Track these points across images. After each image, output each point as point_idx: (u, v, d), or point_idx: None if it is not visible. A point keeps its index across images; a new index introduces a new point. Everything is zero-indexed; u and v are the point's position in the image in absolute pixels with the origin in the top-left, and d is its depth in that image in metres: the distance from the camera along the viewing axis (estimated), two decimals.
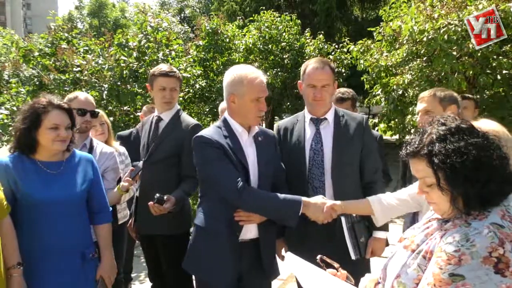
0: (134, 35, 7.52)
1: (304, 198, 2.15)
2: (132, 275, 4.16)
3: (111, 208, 2.47)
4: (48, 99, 2.14)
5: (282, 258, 2.70)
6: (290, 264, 1.68)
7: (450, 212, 1.26)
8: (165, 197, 2.54)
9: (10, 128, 6.09)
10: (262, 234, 2.25)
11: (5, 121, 6.26)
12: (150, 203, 2.57)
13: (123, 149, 3.51)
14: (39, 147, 2.12)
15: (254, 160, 2.24)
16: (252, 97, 2.17)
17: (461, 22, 5.40)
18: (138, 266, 4.75)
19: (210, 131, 2.23)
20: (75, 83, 6.57)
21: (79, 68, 6.55)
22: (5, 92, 7.28)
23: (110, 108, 6.52)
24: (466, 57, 5.77)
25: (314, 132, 2.55)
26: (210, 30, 10.18)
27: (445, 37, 5.46)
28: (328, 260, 1.63)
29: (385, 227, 2.47)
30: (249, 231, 2.23)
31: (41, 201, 2.05)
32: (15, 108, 6.35)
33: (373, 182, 2.53)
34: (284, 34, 12.04)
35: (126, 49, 6.78)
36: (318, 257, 1.65)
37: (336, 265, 1.62)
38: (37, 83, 6.97)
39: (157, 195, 2.55)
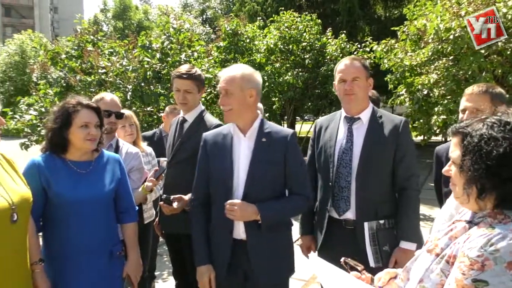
0: (157, 36, 7.63)
1: (202, 266, 2.26)
2: (156, 273, 4.21)
3: (137, 208, 2.51)
4: (77, 100, 2.20)
5: (306, 255, 2.72)
6: (313, 266, 1.66)
7: (461, 195, 1.24)
8: (171, 197, 2.58)
9: (39, 128, 6.28)
10: (249, 234, 2.21)
11: (34, 121, 6.45)
12: (160, 203, 2.65)
13: (150, 150, 3.57)
14: (70, 147, 2.17)
15: (246, 161, 2.22)
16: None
17: None
18: (161, 265, 4.81)
19: (216, 130, 2.41)
20: (100, 84, 6.71)
21: (104, 70, 6.69)
22: (34, 93, 7.49)
23: (134, 108, 6.63)
24: (495, 56, 5.61)
25: (346, 131, 2.50)
26: (230, 31, 10.23)
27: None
28: (352, 263, 1.61)
29: (414, 238, 2.36)
30: (242, 231, 2.23)
31: (71, 200, 2.09)
32: (43, 109, 6.53)
33: (404, 188, 2.41)
34: (304, 34, 11.99)
35: (149, 50, 6.89)
36: (342, 259, 1.62)
37: (360, 267, 1.59)
38: (64, 84, 7.14)
39: (164, 195, 2.63)
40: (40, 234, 2.18)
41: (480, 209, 1.23)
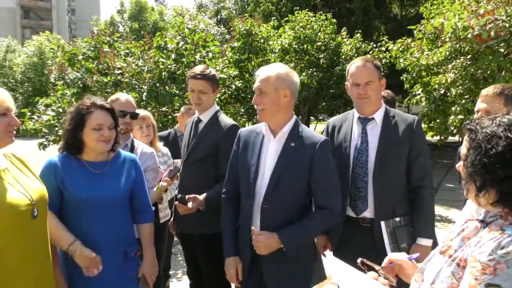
0: (172, 37, 7.68)
1: (229, 258, 2.28)
2: (170, 272, 4.24)
3: (153, 208, 2.51)
4: (91, 101, 2.20)
5: (323, 253, 2.72)
6: (329, 266, 1.66)
7: (464, 191, 1.25)
8: (186, 197, 2.60)
9: (56, 129, 6.39)
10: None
11: (52, 122, 6.56)
12: (175, 202, 2.68)
13: (166, 150, 3.60)
14: (85, 147, 2.19)
15: (272, 163, 2.20)
16: None
17: (509, 18, 5.15)
18: (175, 264, 4.85)
19: (252, 127, 2.42)
20: (116, 85, 6.79)
21: (120, 71, 6.76)
22: (51, 94, 7.61)
23: (149, 109, 6.69)
24: None
25: (360, 131, 2.50)
26: (244, 32, 10.24)
27: (492, 33, 5.22)
28: (369, 263, 1.60)
29: (431, 234, 2.39)
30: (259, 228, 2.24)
31: (85, 199, 2.11)
32: (60, 110, 6.64)
33: (419, 187, 2.42)
34: (319, 33, 11.93)
35: (164, 51, 6.93)
36: (359, 260, 1.61)
37: (377, 267, 1.58)
38: (81, 85, 7.24)
39: (179, 195, 2.66)
40: None
41: (480, 206, 1.23)
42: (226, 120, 2.88)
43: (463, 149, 1.27)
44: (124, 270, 2.23)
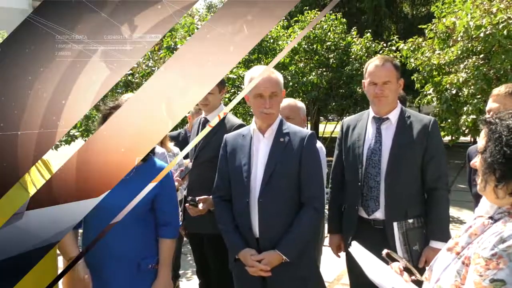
0: (182, 37, 7.72)
1: (242, 252, 2.20)
2: (180, 272, 4.26)
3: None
4: (118, 101, 2.05)
5: (337, 254, 2.73)
6: (354, 253, 1.69)
7: (480, 182, 1.23)
8: (197, 199, 2.60)
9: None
10: (261, 232, 2.22)
11: None
12: (186, 204, 2.68)
13: (177, 150, 3.61)
14: None
15: (263, 160, 2.25)
16: (254, 94, 2.24)
17: None
18: (185, 264, 4.86)
19: (237, 131, 2.45)
20: (127, 85, 6.84)
21: (130, 71, 6.82)
22: None
23: None
24: None
25: (374, 131, 2.49)
26: None
27: (505, 32, 5.16)
28: (394, 256, 1.59)
29: (444, 237, 2.34)
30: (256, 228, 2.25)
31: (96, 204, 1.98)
32: None
33: (434, 189, 2.40)
34: (329, 33, 11.88)
35: (174, 51, 6.97)
36: (384, 252, 1.61)
37: (403, 261, 1.57)
38: None
39: (189, 197, 2.66)
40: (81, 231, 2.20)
41: (497, 198, 1.21)
42: (233, 120, 2.89)
43: (480, 142, 1.27)
44: (135, 282, 2.10)
